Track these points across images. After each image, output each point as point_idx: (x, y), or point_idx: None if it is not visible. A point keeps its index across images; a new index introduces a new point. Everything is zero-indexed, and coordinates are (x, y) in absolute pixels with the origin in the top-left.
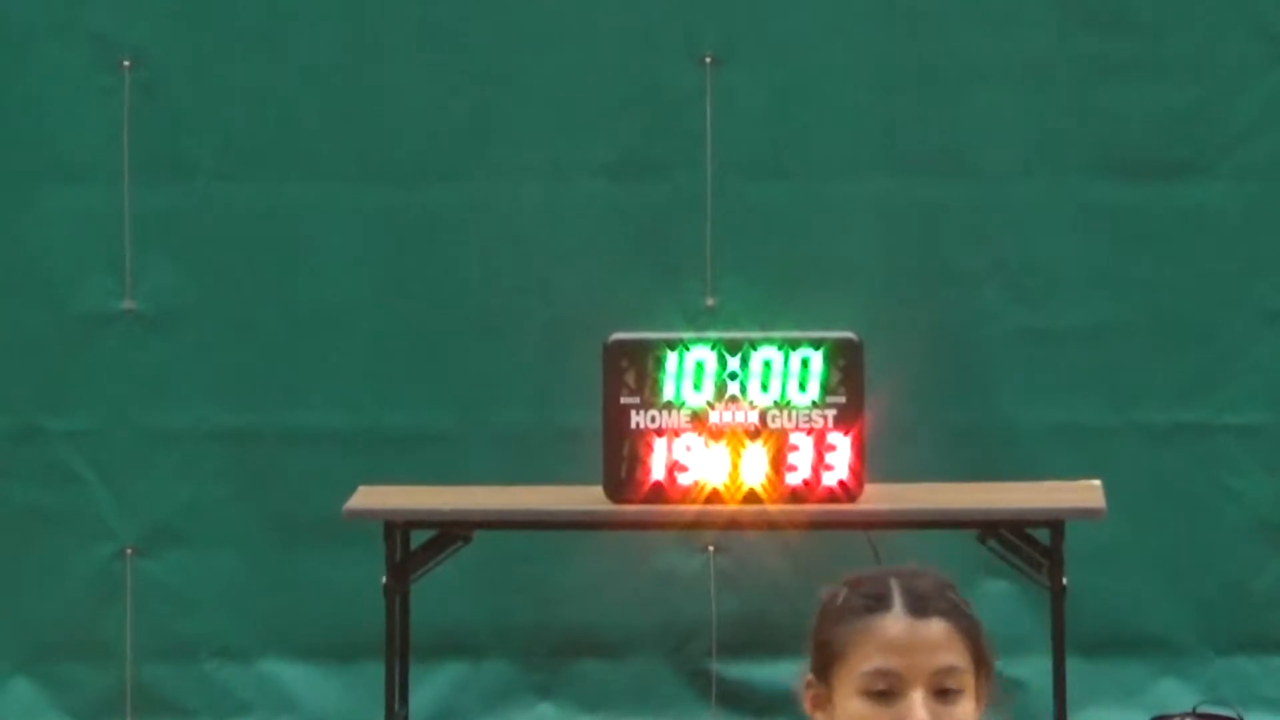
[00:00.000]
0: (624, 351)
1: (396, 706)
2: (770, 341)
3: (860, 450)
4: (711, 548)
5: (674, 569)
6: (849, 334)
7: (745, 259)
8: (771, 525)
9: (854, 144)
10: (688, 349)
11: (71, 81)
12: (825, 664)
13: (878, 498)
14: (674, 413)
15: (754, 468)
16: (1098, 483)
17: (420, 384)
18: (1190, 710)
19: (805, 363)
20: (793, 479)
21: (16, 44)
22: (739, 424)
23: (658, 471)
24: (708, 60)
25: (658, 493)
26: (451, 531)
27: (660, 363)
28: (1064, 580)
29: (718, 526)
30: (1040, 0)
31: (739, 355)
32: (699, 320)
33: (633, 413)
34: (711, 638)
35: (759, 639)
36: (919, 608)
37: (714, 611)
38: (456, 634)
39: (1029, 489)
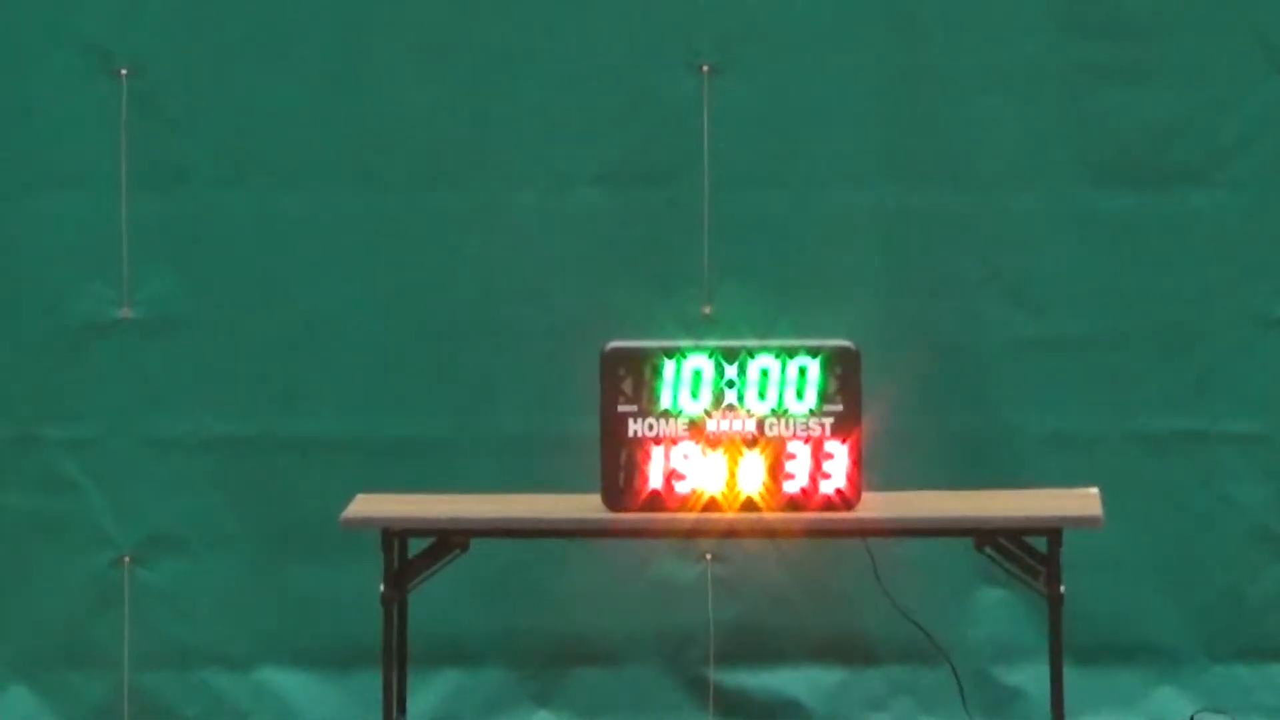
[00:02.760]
0: (621, 359)
1: (394, 715)
2: (767, 350)
3: (858, 458)
4: (709, 556)
5: (671, 577)
6: (846, 342)
7: (742, 267)
8: (769, 533)
9: (851, 152)
10: (685, 357)
11: (68, 89)
12: None
13: (875, 506)
14: (671, 421)
15: (751, 476)
16: (1095, 491)
17: (418, 392)
18: (1188, 718)
19: (803, 371)
20: (790, 487)
21: (13, 52)
22: (736, 432)
23: (655, 480)
24: (705, 68)
25: (655, 501)
26: (449, 540)
27: (658, 371)
28: (1061, 588)
29: (715, 534)
30: (1037, 8)
31: (736, 363)
32: (696, 328)
33: (630, 421)
34: (709, 646)
35: (756, 647)
36: None
37: (711, 619)
38: (454, 642)
39: (1026, 497)
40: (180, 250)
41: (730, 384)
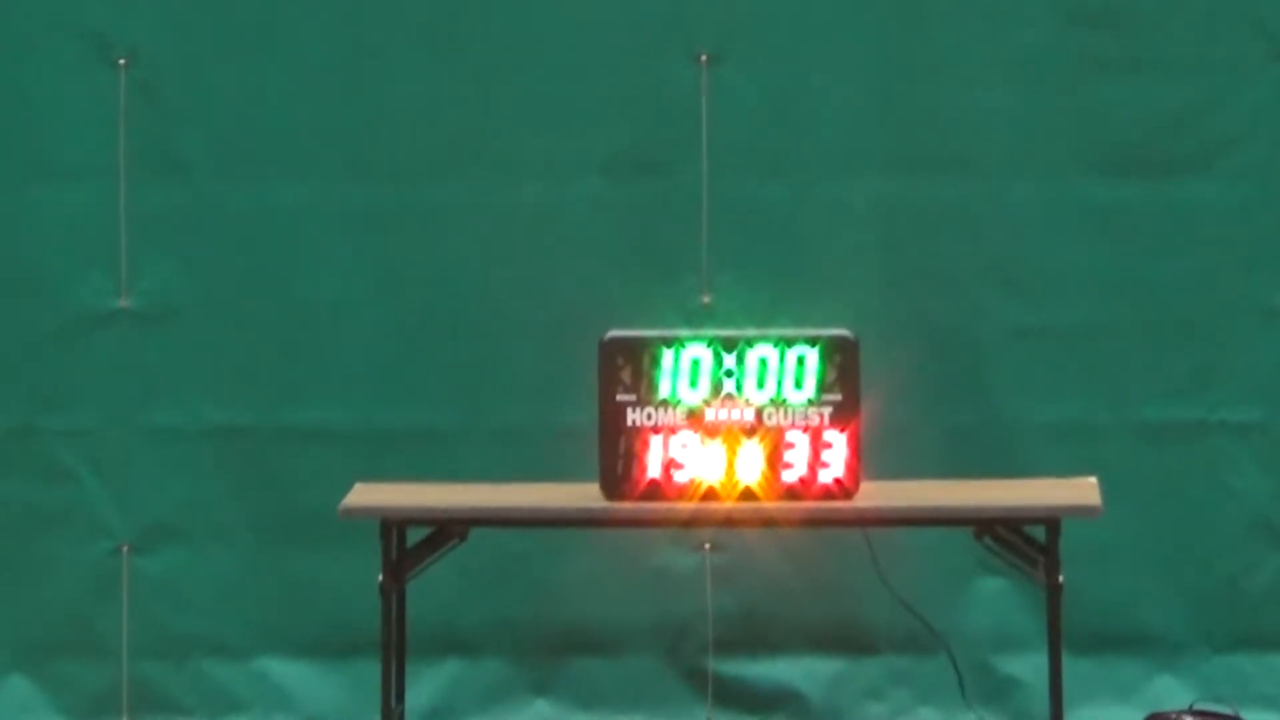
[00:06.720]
0: (620, 349)
1: (392, 704)
2: (766, 339)
3: (856, 447)
4: (707, 545)
5: (670, 566)
6: (845, 331)
7: (741, 256)
8: (768, 523)
9: (850, 142)
10: (684, 346)
11: (67, 79)
12: None
13: (874, 495)
14: (670, 410)
15: (750, 465)
16: (1094, 480)
17: (416, 381)
18: (1186, 708)
19: (801, 360)
20: (789, 476)
21: (12, 41)
22: (735, 421)
23: (654, 469)
24: (704, 58)
25: (654, 490)
26: (448, 529)
27: (656, 360)
28: (1060, 578)
29: (714, 524)
30: None
31: (735, 353)
32: (695, 318)
33: (629, 410)
34: (707, 635)
35: (755, 636)
36: None
37: (710, 609)
38: (452, 632)
39: (1025, 486)
40: (179, 240)
41: (729, 373)
